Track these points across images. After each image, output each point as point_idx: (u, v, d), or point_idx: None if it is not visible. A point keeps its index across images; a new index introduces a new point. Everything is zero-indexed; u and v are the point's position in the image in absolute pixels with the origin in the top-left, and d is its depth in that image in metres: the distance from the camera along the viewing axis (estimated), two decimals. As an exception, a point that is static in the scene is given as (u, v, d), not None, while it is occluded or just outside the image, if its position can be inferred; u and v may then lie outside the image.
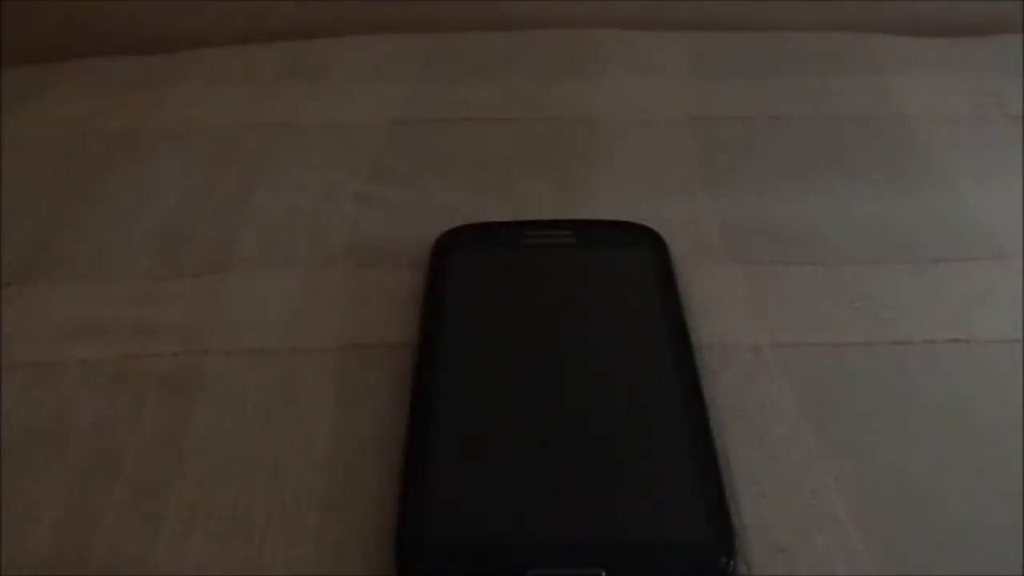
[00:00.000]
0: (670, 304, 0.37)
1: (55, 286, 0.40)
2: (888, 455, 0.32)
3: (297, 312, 0.38)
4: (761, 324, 0.37)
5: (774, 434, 0.33)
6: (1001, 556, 0.29)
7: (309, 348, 0.37)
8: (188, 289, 0.40)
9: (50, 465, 0.32)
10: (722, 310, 0.38)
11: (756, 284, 0.39)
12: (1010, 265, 0.40)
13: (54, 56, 0.58)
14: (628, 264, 0.39)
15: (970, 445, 0.32)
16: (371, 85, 0.54)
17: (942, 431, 0.33)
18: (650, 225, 0.41)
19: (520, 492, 0.30)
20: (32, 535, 0.30)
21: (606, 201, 0.44)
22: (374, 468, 0.32)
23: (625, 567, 0.27)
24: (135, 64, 0.57)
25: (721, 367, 0.35)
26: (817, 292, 0.39)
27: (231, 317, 0.38)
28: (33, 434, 0.33)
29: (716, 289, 0.39)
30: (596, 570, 0.27)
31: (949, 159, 0.46)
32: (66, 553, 0.30)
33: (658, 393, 0.33)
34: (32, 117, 0.52)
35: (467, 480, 0.30)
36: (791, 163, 0.46)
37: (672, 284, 0.38)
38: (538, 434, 0.32)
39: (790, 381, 0.35)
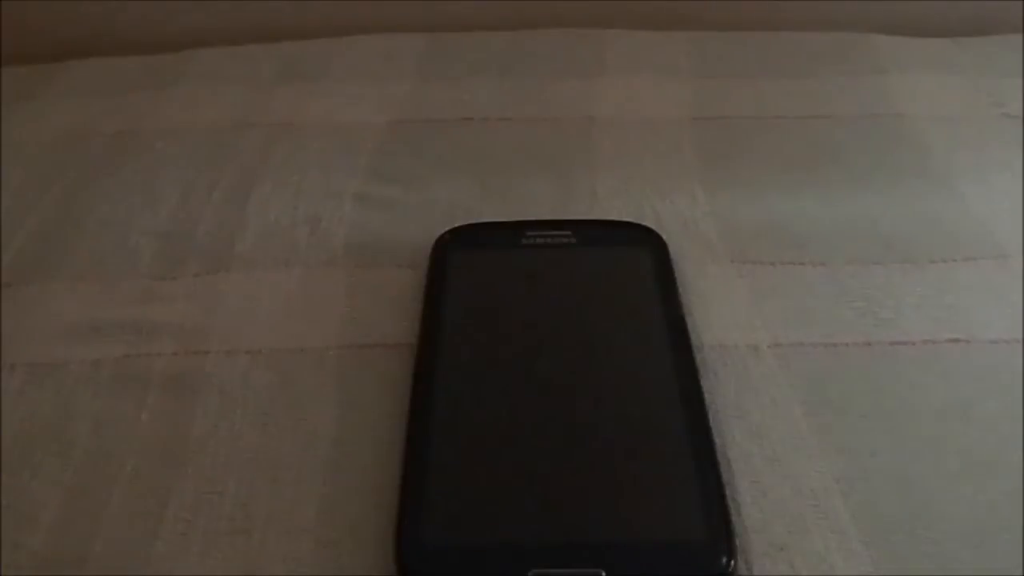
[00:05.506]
0: (670, 304, 0.37)
1: (55, 286, 0.40)
2: (888, 455, 0.32)
3: (297, 312, 0.38)
4: (761, 324, 0.37)
5: (774, 434, 0.33)
6: (1001, 556, 0.29)
7: (309, 348, 0.37)
8: (188, 289, 0.40)
9: (50, 465, 0.32)
10: (722, 310, 0.38)
11: (756, 284, 0.39)
12: (1010, 265, 0.40)
13: (54, 56, 0.58)
14: (628, 264, 0.39)
15: (970, 445, 0.32)
16: (371, 85, 0.54)
17: (942, 431, 0.33)
18: (650, 225, 0.41)
19: (520, 492, 0.30)
20: (32, 535, 0.30)
21: (606, 201, 0.44)
22: (374, 468, 0.32)
23: (625, 567, 0.27)
24: (135, 64, 0.57)
25: (721, 367, 0.35)
26: (817, 292, 0.39)
27: (231, 317, 0.38)
28: (33, 434, 0.33)
29: (716, 289, 0.39)
30: (596, 570, 0.27)
31: (949, 159, 0.46)
32: (66, 553, 0.30)
33: (658, 393, 0.33)
34: (32, 117, 0.52)
35: (467, 480, 0.30)
36: (791, 163, 0.46)
37: (672, 284, 0.38)
38: (538, 434, 0.32)
39: (790, 381, 0.35)
